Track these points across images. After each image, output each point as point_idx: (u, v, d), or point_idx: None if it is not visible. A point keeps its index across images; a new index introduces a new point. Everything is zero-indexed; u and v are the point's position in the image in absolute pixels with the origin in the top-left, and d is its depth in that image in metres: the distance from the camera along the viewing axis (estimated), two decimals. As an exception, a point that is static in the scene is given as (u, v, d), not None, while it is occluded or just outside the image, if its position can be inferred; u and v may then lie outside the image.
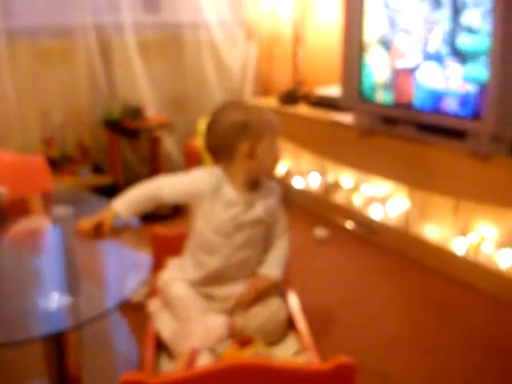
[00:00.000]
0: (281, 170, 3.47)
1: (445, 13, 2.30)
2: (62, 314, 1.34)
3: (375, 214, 2.89)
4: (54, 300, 1.37)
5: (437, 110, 2.42)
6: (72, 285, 1.49)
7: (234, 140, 1.53)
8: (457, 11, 2.25)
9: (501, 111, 2.14)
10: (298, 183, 3.40)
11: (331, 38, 3.30)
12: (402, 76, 2.56)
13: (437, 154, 2.48)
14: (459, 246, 2.47)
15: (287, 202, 1.61)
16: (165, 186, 1.61)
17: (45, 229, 1.82)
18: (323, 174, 3.24)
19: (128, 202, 1.62)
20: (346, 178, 3.08)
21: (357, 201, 3.01)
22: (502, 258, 2.30)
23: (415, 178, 2.63)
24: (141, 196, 1.62)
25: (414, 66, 2.49)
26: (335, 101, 3.00)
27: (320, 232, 2.92)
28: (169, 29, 3.56)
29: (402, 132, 2.62)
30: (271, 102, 3.54)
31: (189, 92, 3.69)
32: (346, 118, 2.94)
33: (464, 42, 2.26)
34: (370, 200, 2.93)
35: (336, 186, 3.13)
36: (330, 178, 3.18)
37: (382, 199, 2.87)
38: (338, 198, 3.13)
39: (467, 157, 2.34)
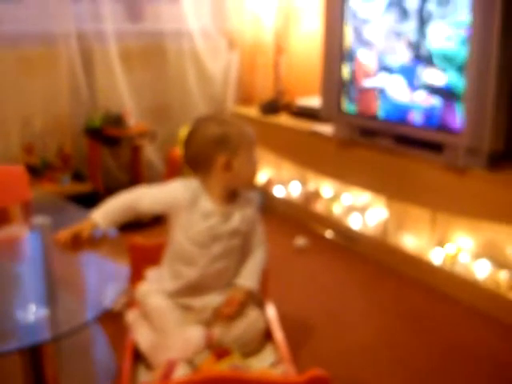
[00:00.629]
0: (262, 178, 3.49)
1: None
2: (40, 326, 1.33)
3: (354, 223, 2.92)
4: (32, 311, 1.36)
5: (406, 123, 2.46)
6: (50, 296, 1.49)
7: (211, 153, 1.55)
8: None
9: (477, 124, 2.17)
10: (278, 192, 3.42)
11: (313, 49, 3.32)
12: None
13: (414, 166, 2.51)
14: (436, 257, 2.50)
15: (268, 211, 1.62)
16: (143, 197, 1.61)
17: (23, 238, 1.81)
18: (304, 183, 3.26)
19: (106, 213, 1.62)
20: (326, 187, 3.11)
21: (336, 210, 3.03)
22: (478, 269, 2.34)
23: (393, 189, 2.66)
24: (119, 206, 1.63)
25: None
26: (316, 111, 3.02)
27: (299, 241, 2.94)
28: (151, 37, 3.56)
29: (380, 144, 2.66)
30: (252, 111, 3.56)
31: (171, 100, 3.69)
32: (326, 129, 2.96)
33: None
34: (350, 209, 2.95)
35: (316, 195, 3.16)
36: (311, 187, 3.21)
37: (361, 209, 2.90)
38: (318, 207, 3.15)
39: (444, 169, 2.37)
